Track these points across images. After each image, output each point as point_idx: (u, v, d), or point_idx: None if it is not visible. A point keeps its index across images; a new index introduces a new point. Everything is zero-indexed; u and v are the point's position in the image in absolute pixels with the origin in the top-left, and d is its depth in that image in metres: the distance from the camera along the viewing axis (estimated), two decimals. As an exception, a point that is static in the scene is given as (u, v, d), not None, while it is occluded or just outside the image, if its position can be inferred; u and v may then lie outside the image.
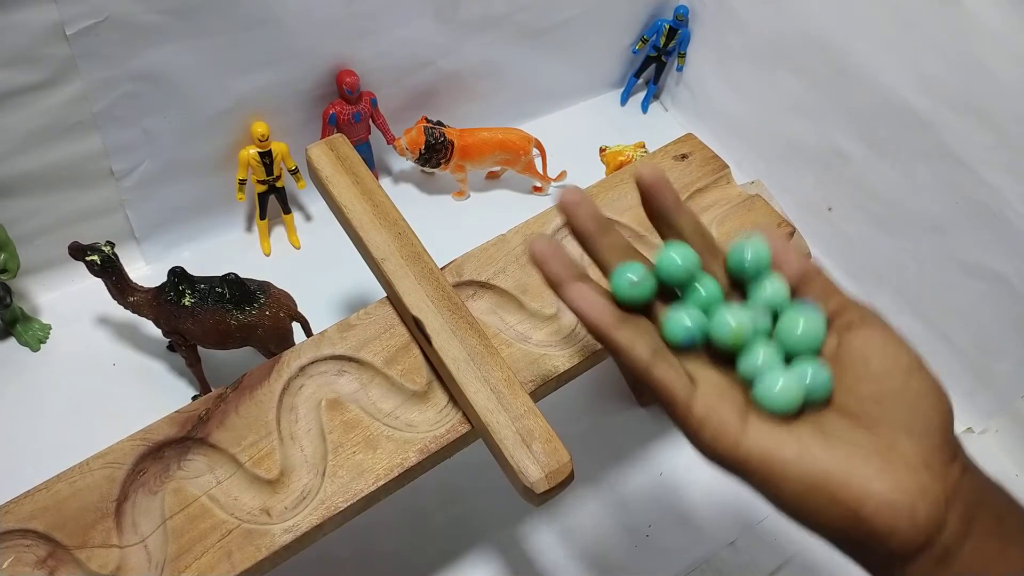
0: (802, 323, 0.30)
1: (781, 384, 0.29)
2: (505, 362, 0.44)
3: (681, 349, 0.31)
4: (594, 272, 0.34)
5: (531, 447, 0.41)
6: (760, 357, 0.30)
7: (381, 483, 0.43)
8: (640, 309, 0.32)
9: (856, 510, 0.27)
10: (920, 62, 0.63)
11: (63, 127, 0.59)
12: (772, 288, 0.32)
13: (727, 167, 0.60)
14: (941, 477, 0.28)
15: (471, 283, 0.51)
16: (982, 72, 0.59)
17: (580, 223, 0.34)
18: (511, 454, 0.41)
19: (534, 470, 0.40)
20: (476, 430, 0.45)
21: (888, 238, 0.71)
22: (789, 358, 0.31)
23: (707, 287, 0.32)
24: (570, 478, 0.40)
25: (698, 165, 0.60)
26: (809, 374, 0.30)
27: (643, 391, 0.66)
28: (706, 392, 0.30)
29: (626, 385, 0.68)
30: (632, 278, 0.31)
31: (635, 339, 0.30)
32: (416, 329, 0.46)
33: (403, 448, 0.45)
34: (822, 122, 0.74)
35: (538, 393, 0.48)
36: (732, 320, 0.30)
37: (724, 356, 0.31)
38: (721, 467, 0.30)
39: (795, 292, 0.32)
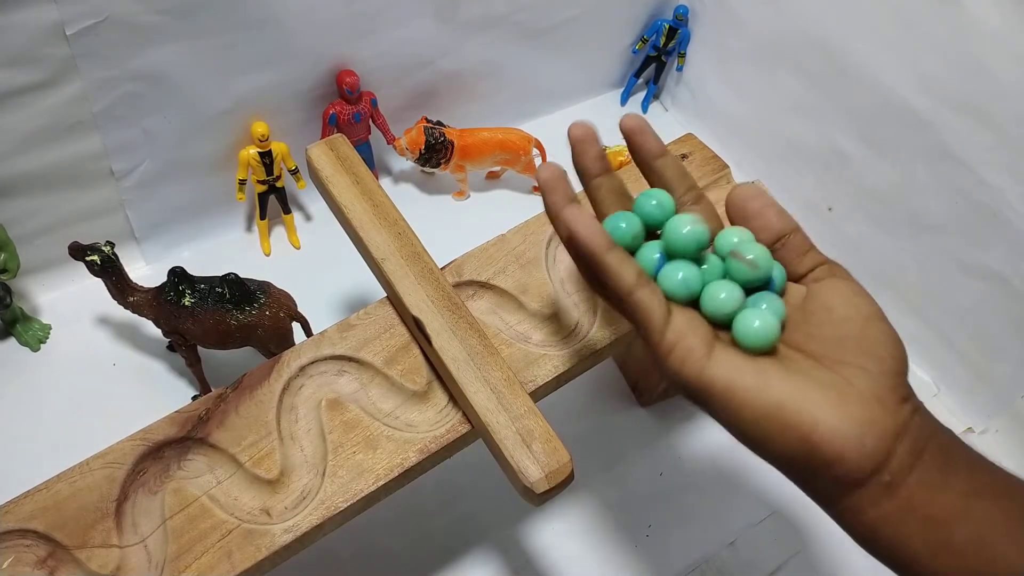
0: (751, 247, 0.32)
1: (758, 323, 0.31)
2: (505, 362, 0.44)
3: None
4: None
5: (531, 447, 0.41)
6: (721, 295, 0.32)
7: (381, 483, 0.43)
8: None
9: (807, 435, 0.29)
10: (920, 62, 0.63)
11: (63, 127, 0.59)
12: (737, 238, 0.33)
13: (727, 167, 0.60)
14: (892, 413, 0.30)
15: (471, 283, 0.51)
16: (982, 72, 0.59)
17: (584, 160, 0.37)
18: (511, 454, 0.41)
19: (534, 470, 0.40)
20: (476, 430, 0.45)
21: (888, 238, 0.71)
22: (748, 291, 0.33)
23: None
24: (570, 478, 0.40)
25: (698, 165, 0.59)
26: (764, 304, 0.32)
27: (643, 391, 0.66)
28: (678, 320, 0.32)
29: (626, 385, 0.68)
30: (623, 225, 0.34)
31: (623, 263, 0.32)
32: (416, 329, 0.46)
33: (403, 448, 0.45)
34: (822, 122, 0.74)
35: (538, 393, 0.48)
36: (681, 273, 0.33)
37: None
38: (686, 392, 0.32)
39: (774, 249, 0.34)
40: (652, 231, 0.35)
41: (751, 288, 0.33)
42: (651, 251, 0.34)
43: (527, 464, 0.40)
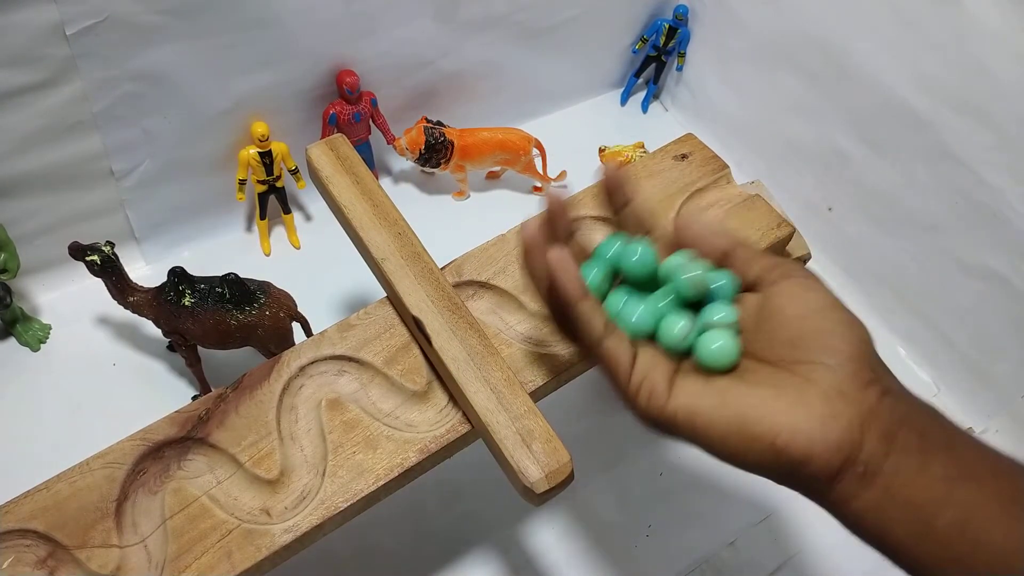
0: (691, 272, 0.34)
1: (716, 344, 0.33)
2: (505, 362, 0.44)
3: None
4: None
5: (531, 447, 0.41)
6: (675, 329, 0.34)
7: (381, 483, 0.43)
8: None
9: (772, 443, 0.30)
10: (920, 62, 0.63)
11: (63, 127, 0.59)
12: (680, 260, 0.36)
13: (727, 167, 0.60)
14: (855, 402, 0.30)
15: (471, 283, 0.51)
16: (982, 72, 0.59)
17: (557, 228, 0.39)
18: (511, 454, 0.41)
19: (534, 470, 0.40)
20: (476, 430, 0.45)
21: (888, 238, 0.71)
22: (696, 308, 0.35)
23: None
24: (570, 478, 0.40)
25: (698, 165, 0.59)
26: (721, 313, 0.34)
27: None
28: (641, 361, 0.33)
29: (626, 385, 0.68)
30: (589, 276, 0.37)
31: (594, 313, 0.34)
32: (416, 329, 0.46)
33: (403, 448, 0.45)
34: (822, 122, 0.74)
35: (538, 393, 0.48)
36: (635, 316, 0.35)
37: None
38: (656, 428, 0.33)
39: (723, 265, 0.35)
40: (616, 274, 0.38)
41: (702, 302, 0.35)
42: (618, 299, 0.36)
43: (527, 464, 0.40)
